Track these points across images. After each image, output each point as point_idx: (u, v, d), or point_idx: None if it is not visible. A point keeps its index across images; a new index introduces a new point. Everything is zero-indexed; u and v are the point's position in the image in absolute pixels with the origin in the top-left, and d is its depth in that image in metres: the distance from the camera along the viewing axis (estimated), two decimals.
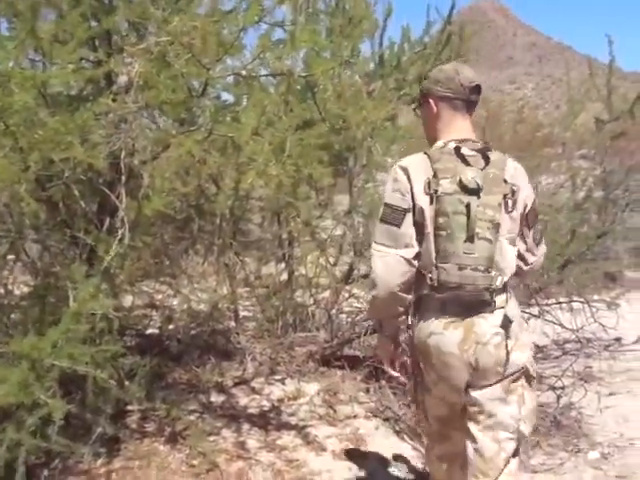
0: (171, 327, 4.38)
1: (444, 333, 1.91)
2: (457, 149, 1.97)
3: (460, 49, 4.79)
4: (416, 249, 1.92)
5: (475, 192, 1.90)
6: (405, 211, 1.90)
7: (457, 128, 2.04)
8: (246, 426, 3.29)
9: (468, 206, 1.88)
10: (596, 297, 4.02)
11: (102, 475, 2.85)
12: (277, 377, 3.90)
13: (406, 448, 3.13)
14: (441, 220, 1.90)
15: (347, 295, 4.64)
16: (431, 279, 1.90)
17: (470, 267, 1.88)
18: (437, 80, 2.06)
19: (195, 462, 2.92)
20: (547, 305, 3.95)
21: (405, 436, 3.24)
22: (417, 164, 1.96)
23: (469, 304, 1.91)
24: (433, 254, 1.91)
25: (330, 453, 3.06)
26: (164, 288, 4.32)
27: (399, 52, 4.75)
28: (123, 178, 2.64)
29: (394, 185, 1.95)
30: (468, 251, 1.88)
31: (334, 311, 4.59)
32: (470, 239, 1.88)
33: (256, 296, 4.57)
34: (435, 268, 1.90)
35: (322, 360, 4.22)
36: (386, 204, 1.95)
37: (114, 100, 2.71)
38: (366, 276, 4.44)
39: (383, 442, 3.18)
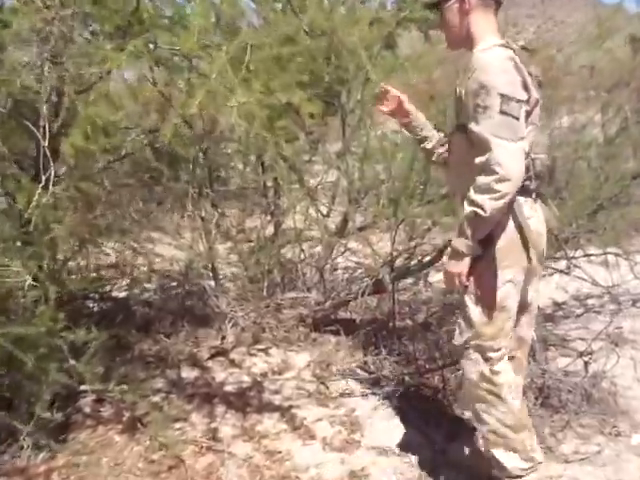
0: (140, 290, 3.85)
1: (535, 216, 2.06)
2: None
3: None
4: (527, 141, 1.97)
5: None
6: (521, 102, 1.91)
7: (494, 30, 2.06)
8: (220, 408, 2.77)
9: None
10: (633, 249, 3.44)
11: (41, 475, 2.34)
12: (261, 346, 3.37)
13: (412, 433, 2.61)
14: (534, 113, 2.01)
15: (342, 250, 4.08)
16: (528, 170, 1.99)
17: (544, 157, 2.10)
18: None
19: (155, 456, 2.41)
20: (574, 258, 3.38)
21: (410, 417, 2.72)
22: (515, 56, 1.97)
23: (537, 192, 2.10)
24: (529, 146, 1.99)
25: (320, 441, 2.54)
26: (135, 246, 3.79)
27: None
28: (45, 107, 2.04)
29: (507, 76, 1.91)
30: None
31: (328, 267, 4.05)
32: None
33: (238, 252, 4.02)
34: (532, 160, 2.02)
35: (314, 325, 3.69)
36: (503, 95, 1.88)
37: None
38: (363, 228, 3.88)
39: (383, 426, 2.65)
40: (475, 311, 2.05)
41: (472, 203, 1.90)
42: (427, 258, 3.41)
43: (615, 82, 3.66)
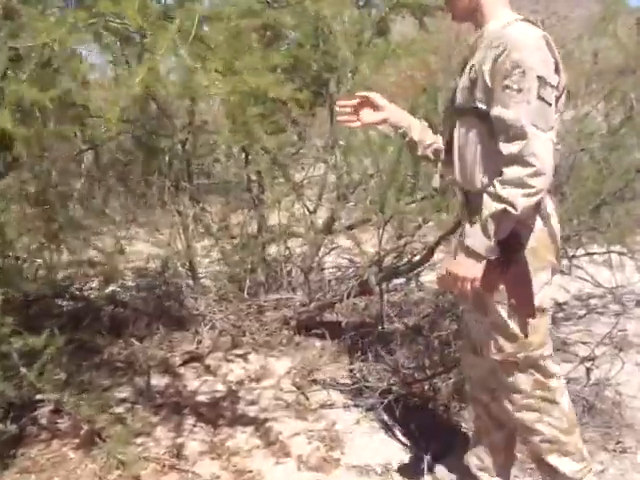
0: (115, 289, 3.62)
1: (555, 212, 1.88)
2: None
3: None
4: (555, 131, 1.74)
5: None
6: (553, 87, 1.70)
7: (506, 2, 1.84)
8: (189, 421, 2.54)
9: None
10: (638, 247, 3.20)
11: None
12: (239, 351, 3.15)
13: (397, 450, 2.38)
14: (561, 100, 1.79)
15: (330, 248, 3.85)
16: None
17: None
18: None
19: (111, 477, 2.19)
20: (576, 257, 3.14)
21: (396, 431, 2.50)
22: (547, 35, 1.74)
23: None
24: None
25: (295, 459, 2.31)
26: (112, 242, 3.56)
27: None
28: None
29: (542, 55, 1.68)
30: None
31: (315, 266, 3.82)
32: None
33: (220, 250, 3.79)
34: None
35: (298, 328, 3.46)
36: (540, 78, 1.66)
37: None
38: (351, 225, 3.65)
39: (365, 441, 2.43)
40: (514, 323, 1.82)
41: (500, 199, 1.66)
42: (418, 257, 3.19)
43: (620, 69, 3.42)
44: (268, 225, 3.82)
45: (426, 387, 2.76)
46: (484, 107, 1.73)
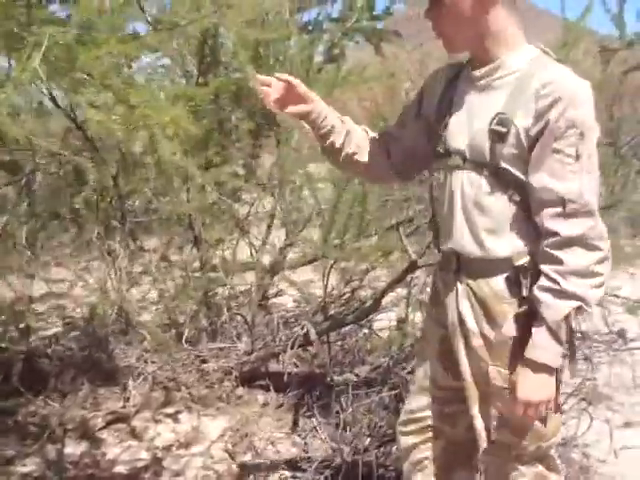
0: (40, 338, 3.29)
1: None
2: None
3: None
4: None
5: None
6: None
7: (520, 32, 1.49)
8: None
9: None
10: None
11: None
12: (170, 410, 2.82)
13: None
14: None
15: (278, 289, 3.56)
16: None
17: None
18: None
19: None
20: None
21: None
22: None
23: None
24: None
25: None
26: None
27: None
28: None
29: (592, 109, 1.39)
30: None
31: (261, 308, 3.53)
32: None
33: (158, 293, 3.48)
34: None
35: (241, 379, 3.15)
36: (594, 138, 1.39)
37: None
38: (298, 265, 3.36)
39: None
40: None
41: (568, 296, 1.36)
42: (368, 303, 2.92)
43: None
44: (211, 265, 3.53)
45: (377, 454, 2.46)
46: (516, 172, 1.42)
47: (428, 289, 2.83)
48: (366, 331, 3.10)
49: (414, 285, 2.68)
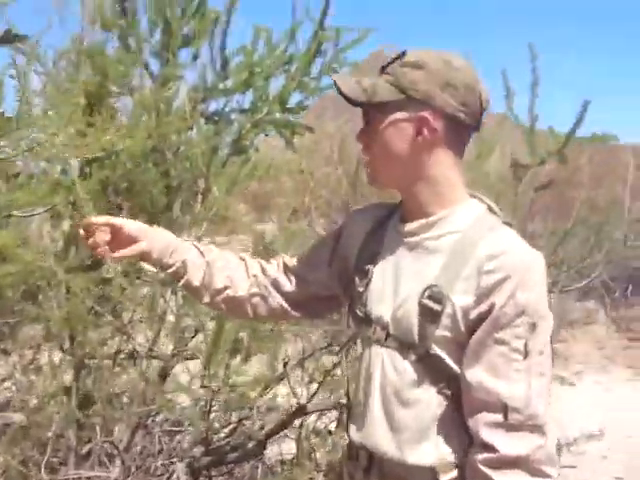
0: None
1: None
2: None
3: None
4: None
5: None
6: None
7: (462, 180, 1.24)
8: None
9: None
10: None
11: None
12: None
13: None
14: None
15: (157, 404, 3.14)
16: None
17: None
18: (448, 83, 1.15)
19: None
20: None
21: None
22: None
23: None
24: None
25: None
26: None
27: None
28: None
29: (544, 290, 1.13)
30: None
31: (141, 426, 3.10)
32: None
33: (20, 405, 3.00)
34: None
35: None
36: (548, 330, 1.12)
37: None
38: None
39: None
40: None
41: None
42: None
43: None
44: (85, 373, 3.10)
45: None
46: (450, 360, 1.16)
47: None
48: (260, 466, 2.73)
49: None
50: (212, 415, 2.47)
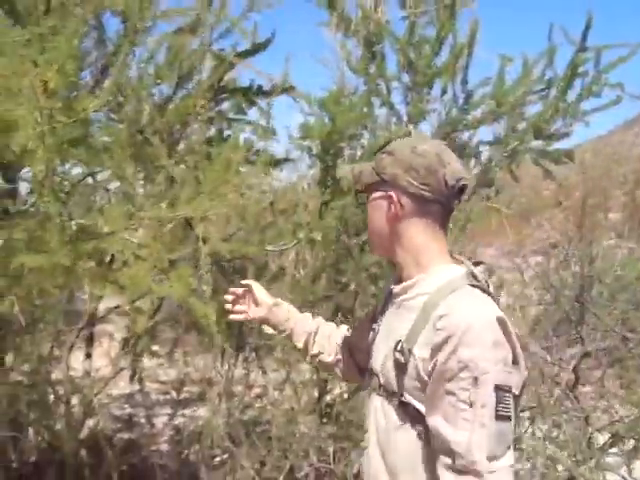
0: None
1: None
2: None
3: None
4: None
5: None
6: (511, 393, 1.23)
7: (443, 248, 1.38)
8: None
9: None
10: None
11: None
12: None
13: None
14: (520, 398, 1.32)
15: None
16: None
17: None
18: (410, 167, 1.34)
19: None
20: None
21: None
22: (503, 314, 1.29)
23: None
24: None
25: None
26: None
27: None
28: None
29: (499, 353, 1.23)
30: None
31: None
32: None
33: None
34: None
35: None
36: (499, 388, 1.21)
37: None
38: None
39: None
40: None
41: None
42: None
43: None
44: None
45: None
46: (419, 406, 1.28)
47: None
48: None
49: None
50: None
